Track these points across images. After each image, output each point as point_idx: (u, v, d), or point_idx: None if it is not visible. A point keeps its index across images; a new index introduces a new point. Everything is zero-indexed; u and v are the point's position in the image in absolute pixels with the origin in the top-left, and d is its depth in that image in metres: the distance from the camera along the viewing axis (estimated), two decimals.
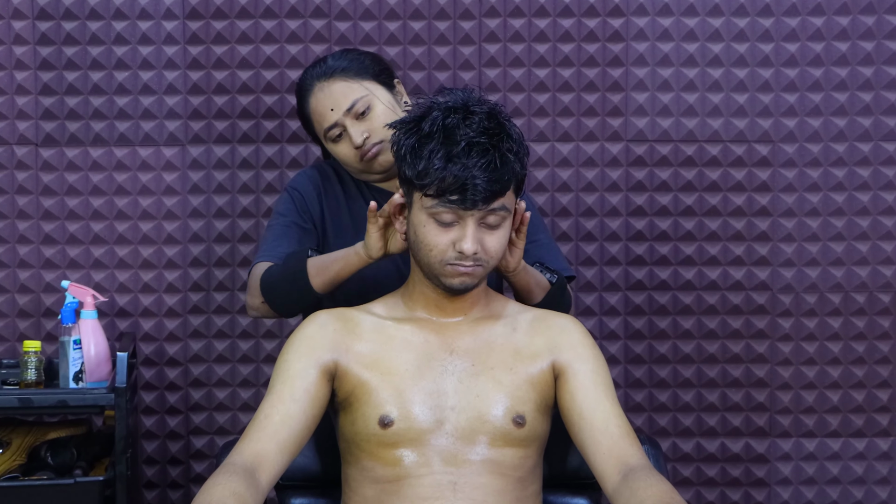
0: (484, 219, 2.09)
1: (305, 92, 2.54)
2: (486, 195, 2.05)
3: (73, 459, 2.92)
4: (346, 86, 2.49)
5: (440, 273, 2.12)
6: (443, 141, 2.06)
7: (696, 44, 3.19)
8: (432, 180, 2.05)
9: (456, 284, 2.12)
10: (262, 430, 2.05)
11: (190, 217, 3.21)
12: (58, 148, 3.17)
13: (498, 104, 2.13)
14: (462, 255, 2.08)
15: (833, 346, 3.26)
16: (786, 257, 3.24)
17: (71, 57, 3.14)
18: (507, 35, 3.18)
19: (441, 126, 2.07)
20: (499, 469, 2.11)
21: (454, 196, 2.05)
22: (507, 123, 2.11)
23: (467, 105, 2.09)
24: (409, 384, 2.13)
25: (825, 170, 3.22)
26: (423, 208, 2.09)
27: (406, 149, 2.10)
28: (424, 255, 2.12)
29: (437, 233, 2.09)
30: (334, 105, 2.49)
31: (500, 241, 2.13)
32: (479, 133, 2.06)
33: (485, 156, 2.04)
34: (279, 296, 2.39)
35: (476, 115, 2.08)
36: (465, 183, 2.03)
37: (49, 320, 3.20)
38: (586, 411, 2.12)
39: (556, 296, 2.41)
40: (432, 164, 2.05)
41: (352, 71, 2.51)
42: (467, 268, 2.10)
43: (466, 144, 2.04)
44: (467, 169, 2.03)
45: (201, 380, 3.25)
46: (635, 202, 3.23)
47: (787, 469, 3.28)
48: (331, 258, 2.34)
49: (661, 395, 3.28)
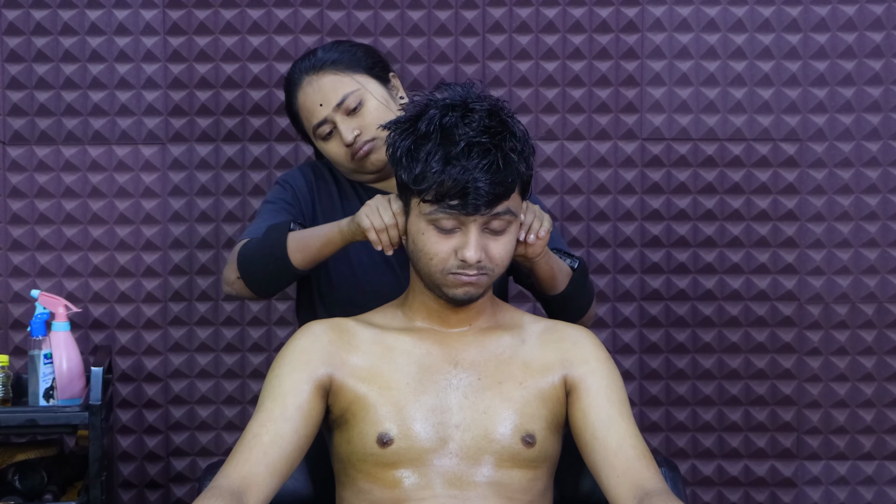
0: (488, 224, 2.06)
1: (293, 86, 2.53)
2: (489, 199, 2.02)
3: (44, 483, 2.88)
4: (336, 79, 2.48)
5: (442, 283, 2.09)
6: (440, 142, 2.03)
7: (717, 34, 3.16)
8: (430, 184, 2.03)
9: (459, 295, 2.10)
10: (250, 452, 2.01)
11: (170, 221, 3.17)
12: (27, 146, 3.14)
13: (500, 100, 2.11)
14: (465, 263, 2.06)
15: (866, 362, 3.22)
16: (814, 265, 3.20)
17: (41, 48, 3.12)
18: (513, 25, 3.16)
19: (438, 125, 2.05)
20: (506, 493, 2.08)
21: (454, 201, 2.02)
22: (511, 121, 2.08)
23: (466, 102, 2.07)
24: (409, 399, 2.09)
25: (857, 170, 3.18)
26: (422, 215, 2.07)
27: (402, 151, 2.08)
28: (424, 264, 2.09)
29: (437, 240, 2.07)
30: (323, 100, 2.47)
31: (505, 248, 2.10)
32: (479, 132, 2.03)
33: (486, 156, 2.02)
34: (256, 270, 2.37)
35: (476, 113, 2.05)
36: (466, 186, 2.01)
37: (17, 332, 3.17)
38: (599, 430, 2.09)
39: (580, 283, 2.40)
40: (430, 167, 2.03)
41: (342, 63, 2.49)
42: (471, 277, 2.07)
43: (466, 145, 2.02)
44: (467, 171, 2.01)
45: (182, 397, 3.21)
46: (651, 205, 3.19)
47: (816, 494, 3.24)
48: (312, 233, 2.33)
49: (680, 414, 3.23)
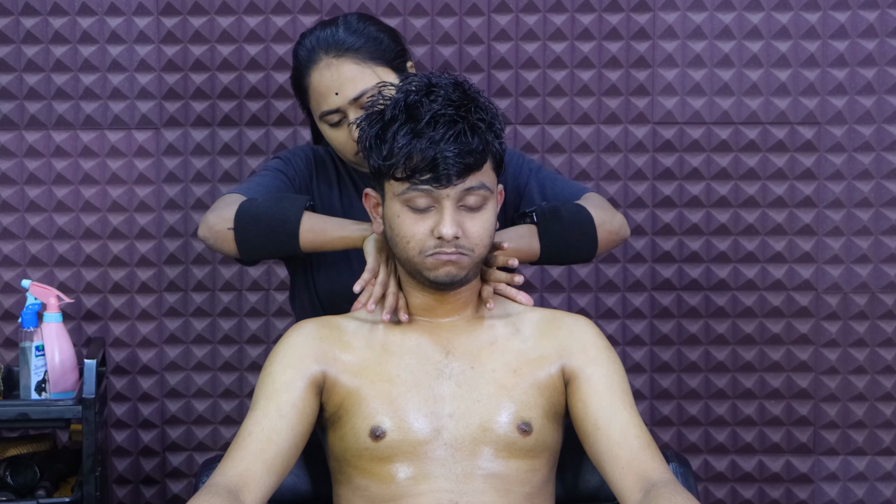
0: (462, 200, 2.11)
1: (308, 62, 2.51)
2: (459, 168, 2.08)
3: (36, 479, 2.92)
4: (357, 70, 2.47)
5: (422, 267, 2.14)
6: (405, 120, 2.09)
7: (731, 13, 3.18)
8: (398, 159, 2.08)
9: (441, 277, 2.14)
10: (246, 449, 2.08)
11: (165, 209, 3.22)
12: (16, 132, 3.18)
13: (464, 78, 2.16)
14: (442, 241, 2.10)
15: (886, 353, 3.26)
16: (832, 253, 3.24)
17: (30, 29, 3.15)
18: (520, 5, 3.18)
19: (403, 106, 2.11)
20: (504, 484, 2.13)
21: (425, 175, 2.08)
22: (476, 95, 2.13)
23: (429, 82, 2.13)
24: (402, 391, 2.15)
25: (877, 155, 3.22)
26: (395, 196, 2.13)
27: (370, 139, 2.14)
28: (402, 248, 2.15)
29: (412, 221, 2.12)
30: (340, 89, 2.47)
31: (483, 226, 2.14)
32: (444, 105, 2.09)
33: (453, 127, 2.08)
34: (256, 233, 2.36)
35: (441, 89, 2.11)
36: (435, 157, 2.06)
37: (8, 324, 3.21)
38: (601, 420, 2.13)
39: (553, 230, 2.39)
40: (396, 143, 2.08)
41: (366, 53, 2.48)
42: (450, 255, 2.11)
43: (431, 117, 2.07)
44: (434, 142, 2.06)
45: (178, 390, 3.26)
46: (663, 192, 3.24)
47: (833, 491, 3.29)
48: (333, 224, 2.36)
49: (692, 408, 3.28)
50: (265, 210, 2.36)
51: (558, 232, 2.40)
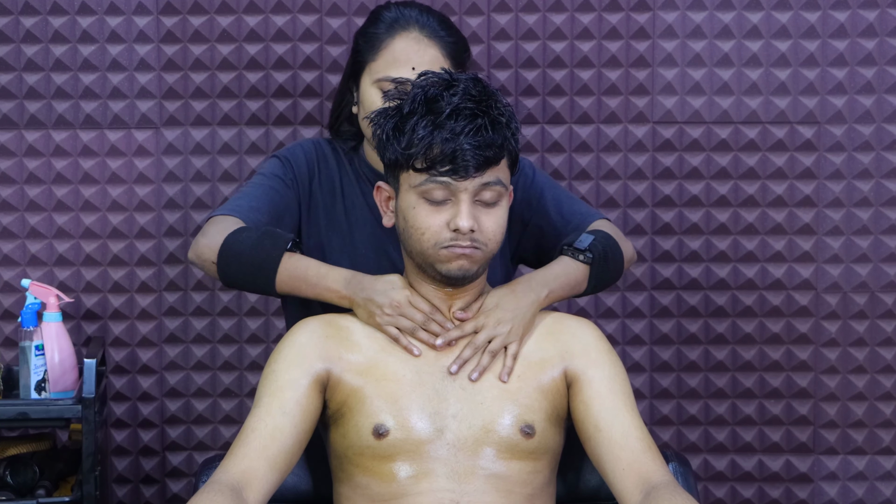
0: (479, 194, 2.13)
1: (397, 26, 2.51)
2: (479, 161, 2.10)
3: (36, 478, 2.93)
4: (437, 59, 2.49)
5: (435, 259, 2.15)
6: (425, 112, 2.12)
7: (731, 13, 3.19)
8: (418, 150, 2.11)
9: (454, 270, 2.16)
10: (249, 446, 2.09)
11: (165, 208, 3.22)
12: (16, 131, 3.18)
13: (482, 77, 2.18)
14: (458, 234, 2.12)
15: (885, 353, 3.26)
16: (832, 253, 3.24)
17: (30, 28, 3.15)
18: (520, 4, 3.19)
19: (423, 99, 2.13)
20: (505, 485, 2.14)
21: (444, 167, 2.10)
22: (494, 91, 2.16)
23: (448, 78, 2.16)
24: (405, 390, 2.17)
25: (877, 154, 3.22)
26: (412, 188, 2.14)
27: (387, 132, 2.16)
28: (416, 241, 2.16)
29: (428, 213, 2.14)
30: (418, 66, 2.46)
31: (497, 222, 2.16)
32: (463, 99, 2.12)
33: (473, 120, 2.10)
34: (236, 271, 2.36)
35: (460, 83, 2.14)
36: (455, 149, 2.09)
37: (7, 323, 3.22)
38: (603, 423, 2.16)
39: (601, 269, 2.40)
40: (416, 135, 2.10)
41: (449, 48, 2.52)
42: (465, 248, 2.13)
43: (452, 110, 2.10)
44: (455, 135, 2.09)
45: (178, 389, 3.27)
46: (662, 191, 3.24)
47: (833, 490, 3.29)
48: (311, 272, 2.32)
49: (691, 407, 3.29)
50: (246, 250, 2.34)
51: (603, 274, 2.42)
